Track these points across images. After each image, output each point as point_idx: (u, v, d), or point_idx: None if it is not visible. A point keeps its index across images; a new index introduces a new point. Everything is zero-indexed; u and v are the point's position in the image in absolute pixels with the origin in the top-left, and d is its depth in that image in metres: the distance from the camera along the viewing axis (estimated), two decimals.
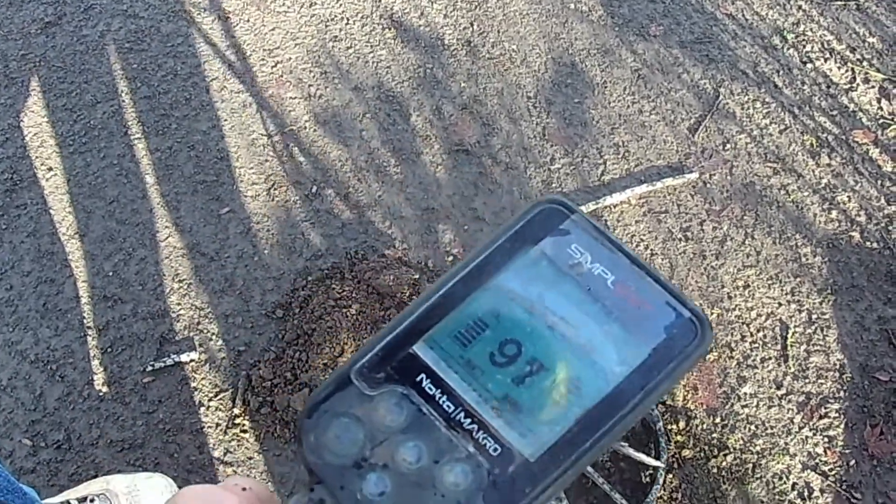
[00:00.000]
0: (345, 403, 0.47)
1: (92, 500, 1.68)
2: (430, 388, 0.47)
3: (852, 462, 1.93)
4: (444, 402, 0.47)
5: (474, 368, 0.48)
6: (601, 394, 0.47)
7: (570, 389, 0.47)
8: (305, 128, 2.39)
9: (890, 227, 2.24)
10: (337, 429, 0.47)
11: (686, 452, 1.92)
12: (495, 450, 0.46)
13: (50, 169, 2.30)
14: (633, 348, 0.48)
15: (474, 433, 0.46)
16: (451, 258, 2.17)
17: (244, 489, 0.48)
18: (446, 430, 0.46)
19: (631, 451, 1.88)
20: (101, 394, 1.99)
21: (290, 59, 2.52)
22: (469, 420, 0.47)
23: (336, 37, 2.57)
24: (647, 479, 1.90)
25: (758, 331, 2.09)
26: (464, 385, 0.47)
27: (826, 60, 2.57)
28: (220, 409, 1.98)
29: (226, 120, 2.39)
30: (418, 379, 0.48)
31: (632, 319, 0.49)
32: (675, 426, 1.95)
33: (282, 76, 2.49)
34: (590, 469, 1.82)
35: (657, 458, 1.91)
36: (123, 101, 2.43)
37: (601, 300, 0.49)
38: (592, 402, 0.47)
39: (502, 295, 0.50)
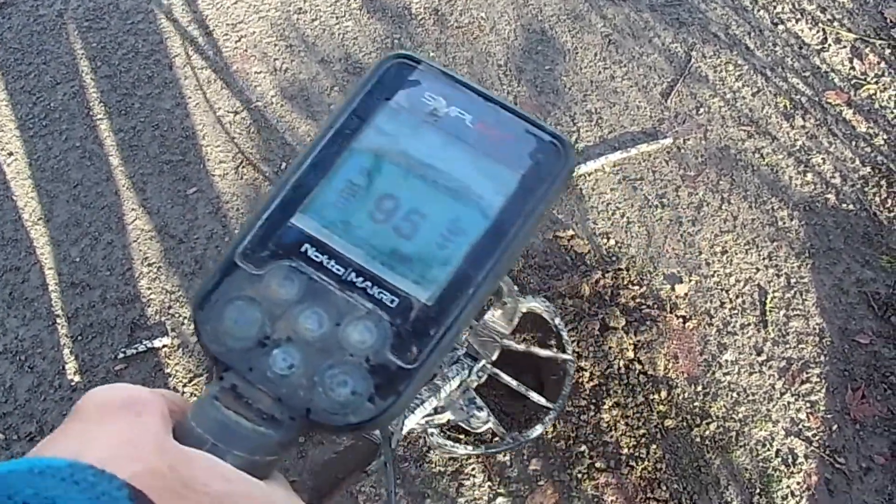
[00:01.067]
0: (235, 287, 0.47)
1: None
2: (316, 256, 0.47)
3: (835, 426, 1.93)
4: (333, 266, 0.47)
5: (356, 228, 0.48)
6: (482, 228, 0.48)
7: (453, 230, 0.48)
8: (272, 103, 2.34)
9: (865, 189, 2.23)
10: (233, 313, 0.46)
11: (668, 422, 1.91)
12: (393, 301, 0.46)
13: (10, 154, 2.24)
14: (503, 179, 0.49)
15: (369, 289, 0.46)
16: None
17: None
18: (341, 292, 0.46)
19: (539, 350, 1.90)
20: (72, 383, 1.95)
21: (255, 32, 2.47)
22: (361, 278, 0.47)
23: (301, 9, 2.52)
24: (560, 375, 1.92)
25: (737, 297, 2.08)
26: (349, 246, 0.47)
27: (797, 21, 2.55)
28: (196, 395, 1.94)
29: (190, 97, 2.34)
30: (303, 249, 0.47)
31: (497, 153, 0.50)
32: (656, 396, 1.94)
33: (246, 50, 2.44)
34: (504, 375, 1.84)
35: (563, 351, 1.93)
36: (84, 81, 2.37)
37: (464, 140, 0.50)
38: (476, 237, 0.47)
39: (368, 153, 0.50)
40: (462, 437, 1.88)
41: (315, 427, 0.45)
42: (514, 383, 1.84)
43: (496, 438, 1.86)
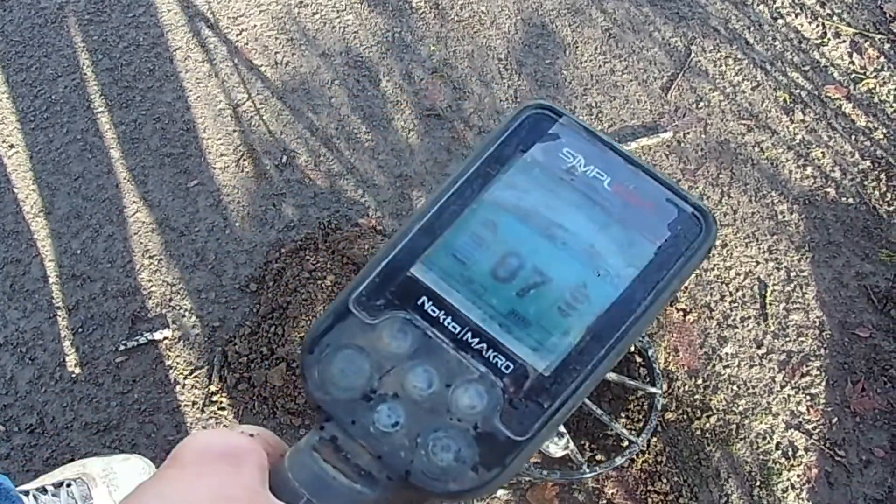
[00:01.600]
0: (346, 334, 0.45)
1: (68, 485, 1.64)
2: (433, 311, 0.45)
3: (835, 419, 1.93)
4: (449, 323, 0.45)
5: (476, 285, 0.46)
6: (610, 299, 0.45)
7: (578, 298, 0.45)
8: (273, 96, 2.34)
9: (865, 183, 2.23)
10: (341, 361, 0.45)
11: (669, 415, 1.92)
12: (507, 367, 0.44)
13: (11, 146, 2.24)
14: (638, 249, 0.46)
15: (484, 352, 0.44)
16: None
17: (251, 435, 0.46)
18: (455, 351, 0.44)
19: (627, 381, 1.86)
20: (73, 375, 1.95)
21: (256, 26, 2.47)
22: (477, 339, 0.44)
23: (302, 2, 2.52)
24: (645, 408, 1.90)
25: (737, 290, 2.08)
26: (467, 304, 0.45)
27: (797, 15, 2.55)
28: (197, 387, 1.95)
29: (191, 90, 2.34)
30: (420, 302, 0.45)
31: (633, 220, 0.47)
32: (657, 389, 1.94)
33: (247, 44, 2.44)
34: (588, 402, 1.80)
35: (652, 384, 1.89)
36: (85, 74, 2.37)
37: (600, 203, 0.47)
38: (602, 308, 0.45)
39: (497, 207, 0.47)
40: (536, 460, 1.85)
41: (412, 490, 0.43)
42: (598, 411, 1.81)
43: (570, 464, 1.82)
